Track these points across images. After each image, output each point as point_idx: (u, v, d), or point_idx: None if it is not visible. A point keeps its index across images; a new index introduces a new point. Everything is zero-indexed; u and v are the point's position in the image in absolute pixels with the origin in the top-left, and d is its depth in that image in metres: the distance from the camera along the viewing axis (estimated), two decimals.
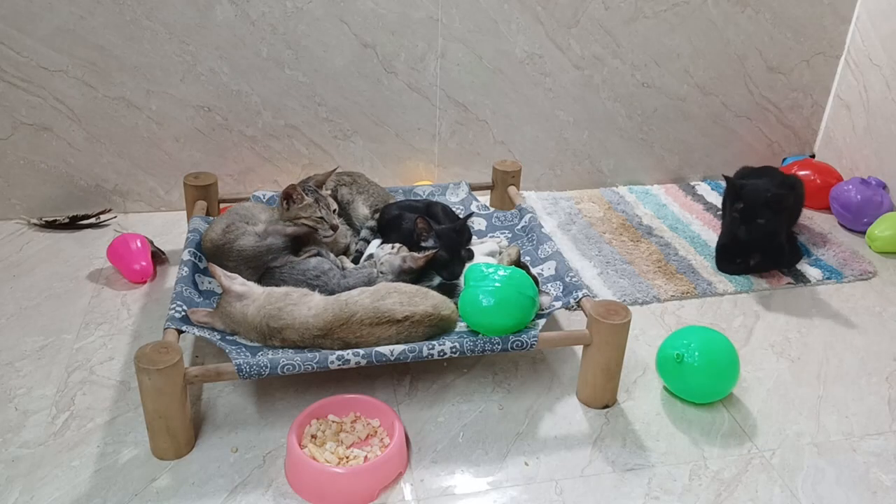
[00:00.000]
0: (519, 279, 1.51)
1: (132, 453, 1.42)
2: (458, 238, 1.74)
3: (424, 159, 2.42)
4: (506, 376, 1.67)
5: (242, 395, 1.58)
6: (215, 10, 2.09)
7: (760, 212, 1.97)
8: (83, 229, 2.20)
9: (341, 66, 2.23)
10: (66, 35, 2.04)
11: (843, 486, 1.43)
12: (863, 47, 2.47)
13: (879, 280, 2.12)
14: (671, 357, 1.57)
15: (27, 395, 1.56)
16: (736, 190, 2.04)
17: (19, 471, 1.37)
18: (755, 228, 1.99)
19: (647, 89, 2.46)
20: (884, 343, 1.85)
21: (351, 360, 1.43)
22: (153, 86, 2.15)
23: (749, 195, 2.00)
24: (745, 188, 2.02)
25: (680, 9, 2.35)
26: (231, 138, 2.26)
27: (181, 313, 1.52)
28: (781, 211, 2.02)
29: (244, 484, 1.37)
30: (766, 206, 1.97)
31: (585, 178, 2.57)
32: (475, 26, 2.25)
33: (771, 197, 1.98)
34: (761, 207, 1.97)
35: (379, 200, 1.97)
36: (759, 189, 2.00)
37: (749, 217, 1.99)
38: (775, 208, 1.98)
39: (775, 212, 1.99)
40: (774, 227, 2.01)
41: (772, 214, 1.98)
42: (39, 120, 2.12)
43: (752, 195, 1.99)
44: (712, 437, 1.53)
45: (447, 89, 2.33)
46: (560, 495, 1.38)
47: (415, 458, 1.44)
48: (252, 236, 1.70)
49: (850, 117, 2.55)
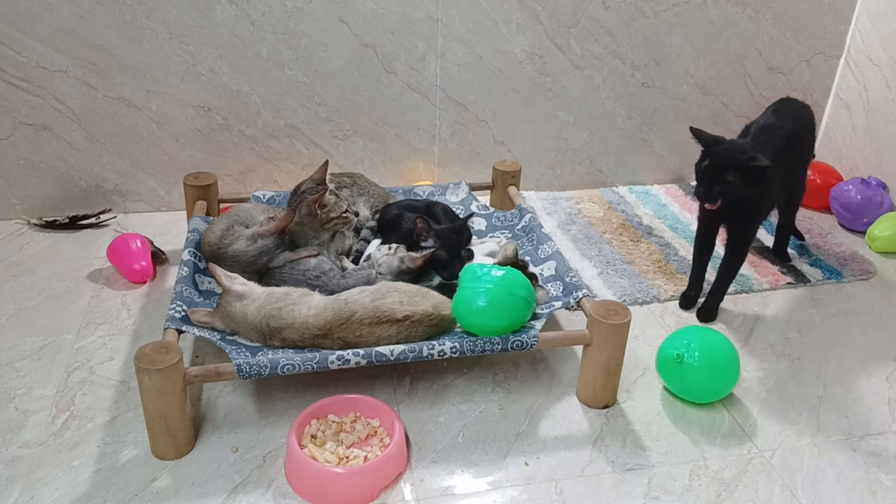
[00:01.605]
0: (513, 280, 1.51)
1: (132, 453, 1.42)
2: (458, 238, 1.74)
3: (424, 159, 2.42)
4: (506, 376, 1.67)
5: (242, 395, 1.58)
6: (215, 10, 2.09)
7: (730, 172, 1.69)
8: (83, 229, 2.20)
9: (341, 66, 2.23)
10: (66, 35, 2.04)
11: (843, 486, 1.43)
12: (863, 47, 2.47)
13: (879, 280, 2.12)
14: (671, 357, 1.57)
15: (27, 395, 1.56)
16: (705, 144, 1.74)
17: (19, 471, 1.37)
18: (721, 192, 1.70)
19: (647, 89, 2.46)
20: (884, 343, 1.85)
21: (351, 360, 1.43)
22: (153, 86, 2.15)
23: (721, 154, 1.70)
24: (718, 145, 1.72)
25: (680, 9, 2.35)
26: (231, 138, 2.26)
27: (181, 313, 1.52)
28: (760, 182, 1.71)
29: (244, 484, 1.37)
30: (737, 169, 1.68)
31: (585, 178, 2.57)
32: (475, 26, 2.25)
33: (747, 160, 1.68)
34: (734, 171, 1.68)
35: (379, 201, 1.97)
36: (734, 150, 1.71)
37: (713, 178, 1.70)
38: (752, 177, 1.69)
39: (753, 181, 1.70)
40: (749, 200, 1.74)
41: (742, 182, 1.69)
42: (39, 120, 2.12)
43: (724, 155, 1.70)
44: (712, 437, 1.53)
45: (447, 89, 2.33)
46: (560, 495, 1.38)
47: (415, 458, 1.44)
48: (244, 240, 1.70)
49: (850, 117, 2.55)
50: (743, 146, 1.75)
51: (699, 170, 1.73)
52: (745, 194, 1.71)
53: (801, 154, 2.01)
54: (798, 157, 1.99)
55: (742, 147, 1.74)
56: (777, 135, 1.87)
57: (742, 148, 1.73)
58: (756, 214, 1.84)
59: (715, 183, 1.70)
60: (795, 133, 1.91)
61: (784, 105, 1.97)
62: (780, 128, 1.89)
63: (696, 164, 1.75)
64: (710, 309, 1.91)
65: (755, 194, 1.73)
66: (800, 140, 1.96)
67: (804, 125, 1.98)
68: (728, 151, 1.71)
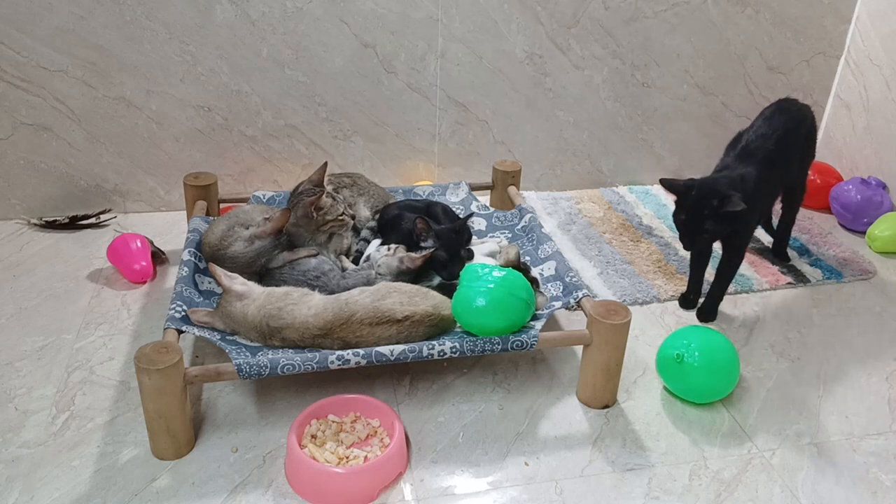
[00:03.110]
0: (513, 281, 1.51)
1: (132, 453, 1.42)
2: (458, 238, 1.74)
3: (424, 159, 2.42)
4: (506, 376, 1.67)
5: (242, 395, 1.58)
6: (215, 10, 2.09)
7: (707, 222, 1.67)
8: (83, 229, 2.20)
9: (341, 66, 2.23)
10: (66, 35, 2.04)
11: (843, 486, 1.43)
12: (863, 47, 2.47)
13: (879, 280, 2.12)
14: (671, 357, 1.57)
15: (27, 395, 1.56)
16: (677, 194, 1.71)
17: (19, 471, 1.37)
18: (704, 241, 1.72)
19: (647, 89, 2.46)
20: (884, 343, 1.85)
21: (351, 360, 1.43)
22: (153, 86, 2.15)
23: (696, 204, 1.67)
24: (690, 192, 1.68)
25: (680, 9, 2.35)
26: (231, 138, 2.26)
27: (181, 313, 1.52)
28: (736, 220, 1.67)
29: (244, 484, 1.37)
30: (714, 217, 1.66)
31: (585, 178, 2.57)
32: (475, 26, 2.25)
33: (722, 203, 1.64)
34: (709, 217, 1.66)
35: (379, 201, 1.97)
36: (707, 194, 1.65)
37: (693, 229, 1.70)
38: (730, 217, 1.65)
39: (732, 219, 1.66)
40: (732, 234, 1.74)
41: (723, 225, 1.68)
42: (39, 120, 2.12)
43: (699, 204, 1.66)
44: (712, 437, 1.53)
45: (447, 89, 2.33)
46: (560, 495, 1.38)
47: (415, 458, 1.44)
48: (242, 242, 1.70)
49: (850, 117, 2.55)
50: (716, 185, 1.69)
51: (677, 221, 1.72)
52: (731, 229, 1.71)
53: (799, 155, 1.97)
54: (796, 159, 1.96)
55: (714, 188, 1.67)
56: (770, 139, 1.85)
57: (714, 189, 1.67)
58: (748, 227, 1.84)
59: (695, 233, 1.71)
60: (791, 134, 1.88)
61: (780, 107, 1.94)
62: (772, 133, 1.85)
63: (674, 214, 1.73)
64: (709, 309, 1.90)
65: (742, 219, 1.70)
66: (797, 141, 1.93)
67: (801, 126, 1.94)
68: (700, 199, 1.66)
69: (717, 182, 1.72)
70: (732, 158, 1.83)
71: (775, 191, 1.98)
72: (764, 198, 1.88)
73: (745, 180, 1.74)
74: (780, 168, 1.86)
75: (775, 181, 1.90)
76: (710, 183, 1.71)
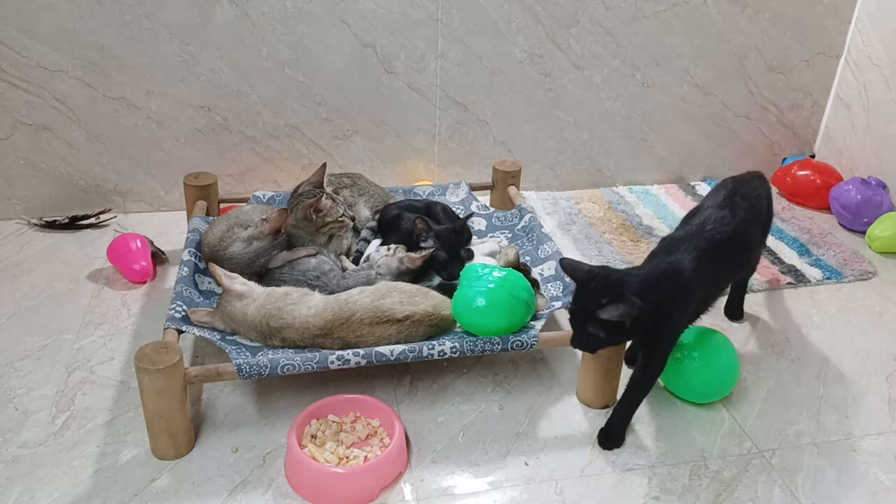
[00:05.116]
0: (514, 281, 1.51)
1: (132, 453, 1.42)
2: (458, 238, 1.74)
3: (424, 159, 2.42)
4: (506, 376, 1.67)
5: (242, 395, 1.58)
6: (215, 11, 2.09)
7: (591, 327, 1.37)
8: (83, 229, 2.20)
9: (341, 66, 2.23)
10: (66, 35, 2.04)
11: (843, 486, 1.43)
12: (863, 47, 2.47)
13: (879, 280, 2.12)
14: (671, 357, 1.57)
15: (27, 395, 1.56)
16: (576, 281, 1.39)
17: (19, 471, 1.37)
18: (588, 343, 1.40)
19: (647, 89, 2.46)
20: (884, 343, 1.85)
21: (351, 360, 1.43)
22: (153, 86, 2.15)
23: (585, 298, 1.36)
24: (588, 284, 1.37)
25: (680, 9, 2.35)
26: (231, 138, 2.26)
27: (181, 313, 1.52)
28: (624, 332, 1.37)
29: (244, 484, 1.37)
30: (597, 322, 1.34)
31: (585, 178, 2.57)
32: (475, 26, 2.25)
33: (604, 306, 1.31)
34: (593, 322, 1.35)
35: (379, 201, 1.97)
36: (598, 292, 1.34)
37: (579, 325, 1.39)
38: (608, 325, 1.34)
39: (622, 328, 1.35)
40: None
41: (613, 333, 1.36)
42: (39, 120, 2.12)
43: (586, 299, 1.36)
44: (712, 437, 1.53)
45: (447, 89, 2.33)
46: (560, 495, 1.38)
47: (415, 458, 1.44)
48: (241, 243, 1.70)
49: (850, 117, 2.55)
50: (611, 282, 1.36)
51: (570, 312, 1.43)
52: (621, 339, 1.44)
53: (753, 239, 1.66)
54: (750, 243, 1.65)
55: (607, 287, 1.35)
56: (725, 226, 1.53)
57: (606, 289, 1.35)
58: (674, 329, 1.47)
59: (581, 332, 1.40)
60: (749, 220, 1.59)
61: (738, 188, 1.63)
62: (731, 219, 1.54)
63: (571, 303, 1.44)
64: (617, 434, 1.50)
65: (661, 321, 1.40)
66: (754, 224, 1.63)
67: (759, 207, 1.65)
68: (589, 295, 1.36)
69: (619, 276, 1.38)
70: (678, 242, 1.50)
71: (721, 285, 1.64)
72: (705, 295, 1.54)
73: (674, 275, 1.42)
74: (734, 261, 1.60)
75: (725, 275, 1.62)
76: (613, 278, 1.37)
